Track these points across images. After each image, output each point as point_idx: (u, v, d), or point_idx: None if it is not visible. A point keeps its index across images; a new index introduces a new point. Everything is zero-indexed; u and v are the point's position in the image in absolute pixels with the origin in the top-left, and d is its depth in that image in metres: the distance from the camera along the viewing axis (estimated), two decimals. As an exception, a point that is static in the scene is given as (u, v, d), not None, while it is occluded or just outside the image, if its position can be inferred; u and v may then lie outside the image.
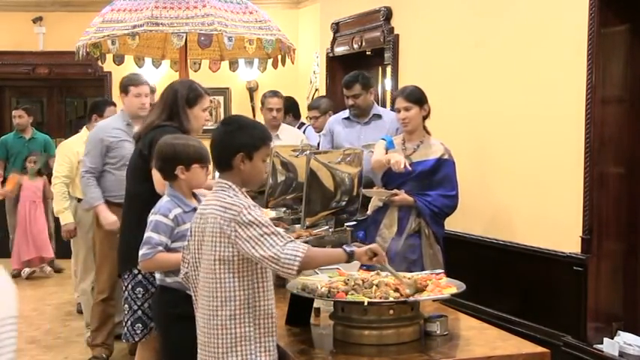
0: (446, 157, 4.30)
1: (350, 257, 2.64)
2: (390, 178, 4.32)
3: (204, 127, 3.98)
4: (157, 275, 3.25)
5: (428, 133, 4.41)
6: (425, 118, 4.35)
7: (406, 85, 4.50)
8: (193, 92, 3.79)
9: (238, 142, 2.60)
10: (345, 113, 5.33)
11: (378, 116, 5.17)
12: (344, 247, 2.68)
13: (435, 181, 4.26)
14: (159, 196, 3.31)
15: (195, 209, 3.17)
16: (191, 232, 2.68)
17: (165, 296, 3.19)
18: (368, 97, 5.16)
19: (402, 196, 4.24)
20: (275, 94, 6.00)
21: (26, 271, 8.07)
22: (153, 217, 3.13)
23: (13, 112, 8.36)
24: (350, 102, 5.17)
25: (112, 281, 4.89)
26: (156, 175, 3.50)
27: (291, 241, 2.50)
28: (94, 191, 4.83)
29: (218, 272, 2.51)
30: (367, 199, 4.44)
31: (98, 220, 4.90)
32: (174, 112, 3.74)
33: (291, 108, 6.46)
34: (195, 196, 3.28)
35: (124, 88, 4.92)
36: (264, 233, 2.46)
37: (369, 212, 4.42)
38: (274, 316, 2.60)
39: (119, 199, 4.68)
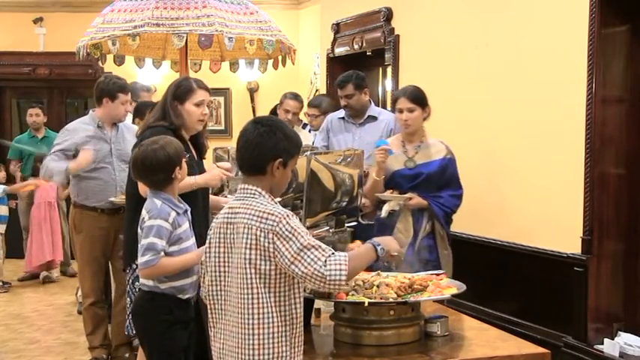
0: (449, 156, 4.22)
1: (378, 255, 2.52)
2: (399, 182, 4.21)
3: (211, 128, 3.91)
4: (147, 282, 3.10)
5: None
6: (425, 119, 4.26)
7: (407, 86, 4.35)
8: (182, 87, 3.69)
9: (281, 147, 2.44)
10: (341, 113, 5.24)
11: (374, 118, 5.07)
12: (375, 245, 2.53)
13: (442, 182, 4.18)
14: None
15: (186, 211, 3.15)
16: (210, 244, 2.49)
17: (159, 303, 3.07)
18: (362, 98, 5.05)
19: (417, 199, 4.13)
20: (295, 97, 6.00)
21: (43, 274, 8.03)
22: (154, 222, 3.00)
23: (29, 111, 8.28)
24: (343, 102, 5.09)
25: (96, 285, 4.85)
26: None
27: (332, 253, 2.33)
28: (61, 163, 4.63)
29: (254, 287, 2.35)
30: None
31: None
32: (166, 108, 3.68)
33: None
34: None
35: (112, 94, 4.75)
36: (303, 247, 2.30)
37: (383, 215, 4.24)
38: (303, 333, 2.48)
39: (94, 202, 4.73)
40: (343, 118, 5.19)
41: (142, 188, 3.55)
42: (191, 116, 3.69)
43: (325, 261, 2.30)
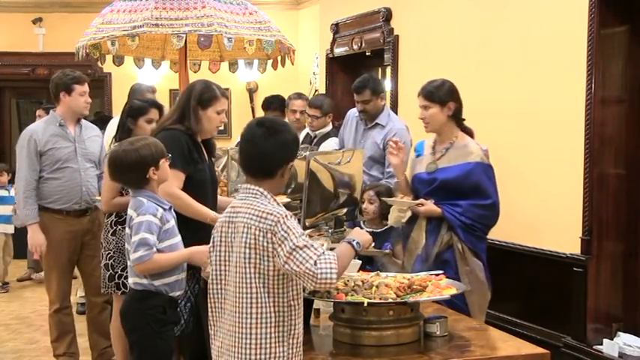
0: (478, 160, 3.77)
1: (357, 252, 2.56)
2: (417, 187, 3.91)
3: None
4: (141, 281, 3.10)
5: (468, 132, 3.92)
6: (454, 117, 3.86)
7: (431, 80, 3.96)
8: (208, 93, 3.68)
9: (292, 153, 2.51)
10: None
11: (381, 126, 4.94)
12: (351, 242, 2.54)
13: (466, 189, 3.74)
14: None
15: (171, 207, 3.16)
16: (213, 243, 2.53)
17: (152, 302, 3.07)
18: (378, 103, 4.94)
19: (428, 206, 3.76)
20: (299, 96, 5.98)
21: (36, 276, 8.02)
22: (143, 218, 3.00)
23: (37, 112, 8.24)
24: (359, 107, 4.98)
25: (61, 291, 4.74)
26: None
27: (323, 252, 2.36)
28: (30, 208, 4.52)
29: (253, 287, 2.38)
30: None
31: (41, 229, 4.61)
32: (186, 111, 3.66)
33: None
34: None
35: (67, 87, 4.63)
36: (295, 247, 2.33)
37: (391, 223, 4.12)
38: (302, 334, 2.49)
39: (59, 205, 4.60)
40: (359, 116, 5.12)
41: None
42: (211, 123, 3.70)
43: (316, 261, 2.33)
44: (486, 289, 3.78)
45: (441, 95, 3.84)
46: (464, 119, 3.91)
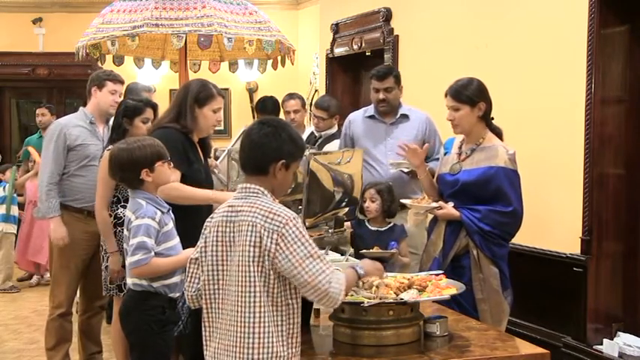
0: (501, 165, 3.57)
1: (360, 277, 2.63)
2: (441, 188, 3.81)
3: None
4: (140, 282, 3.09)
5: (496, 132, 3.75)
6: (483, 117, 3.68)
7: (459, 79, 3.75)
8: (204, 92, 3.67)
9: (284, 149, 2.45)
10: (368, 111, 4.76)
11: (405, 116, 4.65)
12: (355, 267, 2.60)
13: (487, 194, 3.58)
14: None
15: (169, 210, 3.14)
16: (206, 242, 2.48)
17: (153, 302, 3.07)
18: (398, 93, 4.65)
19: (447, 209, 3.63)
20: (291, 96, 5.86)
21: (35, 279, 8.03)
22: (141, 221, 2.99)
23: (37, 111, 8.14)
24: (381, 95, 4.59)
25: (70, 294, 4.61)
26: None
27: (333, 271, 2.35)
28: (52, 201, 4.43)
29: (257, 286, 2.35)
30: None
31: None
32: (182, 110, 3.66)
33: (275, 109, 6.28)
34: None
35: (100, 82, 4.57)
36: (309, 255, 2.31)
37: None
38: (300, 333, 2.47)
39: (81, 203, 4.50)
40: (372, 116, 4.70)
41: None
42: (207, 121, 3.69)
43: (330, 279, 2.33)
44: (501, 299, 3.61)
45: (470, 94, 3.65)
46: (492, 118, 3.76)
